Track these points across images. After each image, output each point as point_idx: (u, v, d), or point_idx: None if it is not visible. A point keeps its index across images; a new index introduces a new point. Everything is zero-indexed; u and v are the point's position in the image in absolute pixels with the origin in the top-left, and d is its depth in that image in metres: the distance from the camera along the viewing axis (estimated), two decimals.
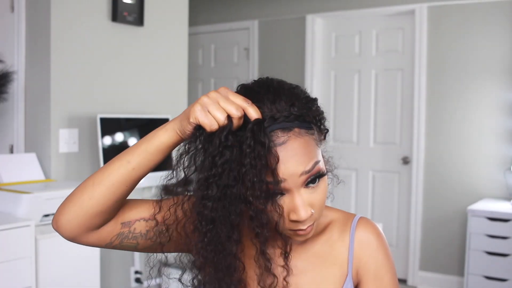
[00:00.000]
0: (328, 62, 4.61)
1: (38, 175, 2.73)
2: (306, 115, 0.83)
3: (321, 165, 0.84)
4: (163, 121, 3.22)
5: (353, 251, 0.93)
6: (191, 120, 0.79)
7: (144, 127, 3.13)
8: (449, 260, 4.04)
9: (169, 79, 3.43)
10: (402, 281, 4.25)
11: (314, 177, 0.83)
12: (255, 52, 4.92)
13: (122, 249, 0.93)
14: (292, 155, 0.80)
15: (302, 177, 0.81)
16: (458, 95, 4.00)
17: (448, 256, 4.05)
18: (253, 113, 0.79)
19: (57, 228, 0.87)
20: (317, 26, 4.60)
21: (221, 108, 0.78)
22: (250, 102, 0.80)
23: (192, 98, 4.97)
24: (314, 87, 4.56)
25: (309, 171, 0.81)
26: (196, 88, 5.26)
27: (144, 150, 0.84)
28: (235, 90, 0.87)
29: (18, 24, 2.85)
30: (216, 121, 0.78)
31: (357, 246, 0.93)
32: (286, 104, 0.82)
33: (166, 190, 0.87)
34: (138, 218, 0.91)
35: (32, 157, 2.76)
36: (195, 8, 4.48)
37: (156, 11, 3.30)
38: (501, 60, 3.84)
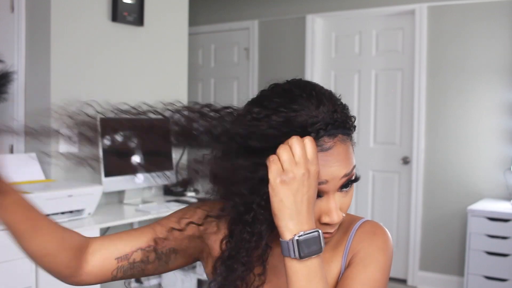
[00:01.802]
0: (328, 62, 4.61)
1: (38, 175, 2.73)
2: (347, 122, 0.85)
3: (355, 170, 0.87)
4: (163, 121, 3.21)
5: (349, 246, 0.92)
6: None
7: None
8: (449, 260, 4.04)
9: (169, 79, 3.43)
10: (402, 281, 4.25)
11: (349, 181, 0.85)
12: (255, 52, 4.92)
13: (131, 278, 0.95)
14: (336, 160, 0.82)
15: (341, 180, 0.83)
16: (458, 95, 4.00)
17: (448, 256, 4.05)
18: None
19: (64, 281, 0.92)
20: (317, 26, 4.60)
21: None
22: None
23: (192, 98, 4.97)
24: None
25: (348, 174, 0.84)
26: (196, 88, 5.25)
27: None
28: (266, 88, 0.86)
29: (18, 24, 2.85)
30: None
31: (354, 242, 0.93)
32: (329, 110, 0.82)
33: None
34: (134, 249, 0.92)
35: (32, 157, 2.76)
36: (195, 8, 4.48)
37: (156, 11, 3.30)
38: (501, 60, 3.84)
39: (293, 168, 0.77)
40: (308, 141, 0.78)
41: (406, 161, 4.27)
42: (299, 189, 0.77)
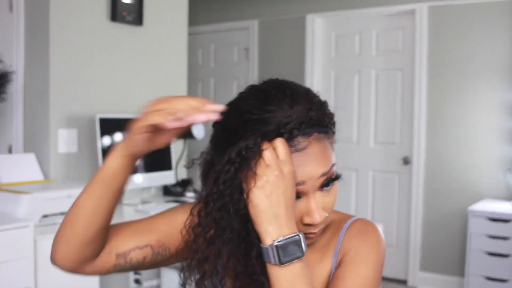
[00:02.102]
0: (328, 62, 4.60)
1: (37, 175, 2.72)
2: (323, 120, 0.83)
3: (335, 168, 0.85)
4: None
5: (340, 245, 0.91)
6: (144, 123, 0.79)
7: None
8: (449, 260, 4.03)
9: (168, 79, 3.42)
10: (402, 281, 4.25)
11: (329, 180, 0.83)
12: (255, 52, 4.91)
13: (123, 272, 0.96)
14: (312, 159, 0.80)
15: (319, 180, 0.81)
16: (459, 95, 3.99)
17: (449, 256, 4.04)
18: (214, 107, 0.79)
19: (55, 265, 0.89)
20: (317, 26, 4.59)
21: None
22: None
23: None
24: (314, 87, 4.53)
25: (326, 173, 0.82)
26: (196, 88, 5.25)
27: (100, 179, 0.84)
28: (243, 90, 0.86)
29: (17, 24, 2.84)
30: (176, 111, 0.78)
31: (344, 240, 0.91)
32: (304, 109, 0.81)
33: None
34: (132, 247, 0.91)
35: (31, 157, 2.76)
36: (195, 8, 4.47)
37: (156, 11, 3.30)
38: (502, 59, 3.83)
39: (265, 171, 0.76)
40: (279, 142, 0.77)
41: (406, 161, 4.26)
42: (274, 191, 0.76)
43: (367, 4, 4.33)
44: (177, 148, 3.29)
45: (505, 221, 3.44)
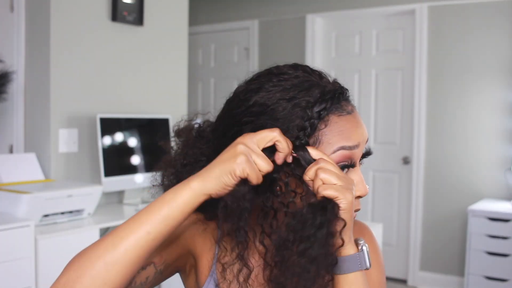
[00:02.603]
0: (328, 62, 4.60)
1: (38, 175, 2.73)
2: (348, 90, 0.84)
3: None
4: (163, 121, 3.21)
5: None
6: (238, 173, 0.71)
7: (143, 127, 3.13)
8: (449, 260, 4.04)
9: (169, 79, 3.43)
10: (402, 281, 4.25)
11: (365, 153, 0.83)
12: (255, 52, 4.91)
13: None
14: (360, 123, 0.81)
15: (363, 146, 0.81)
16: (459, 95, 4.00)
17: (449, 256, 4.04)
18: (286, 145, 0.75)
19: None
20: (317, 26, 4.59)
21: (261, 155, 0.73)
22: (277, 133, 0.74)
23: (192, 98, 4.97)
24: None
25: (367, 140, 0.82)
26: (196, 88, 5.25)
27: (166, 216, 0.70)
28: (266, 71, 0.84)
29: (18, 24, 2.84)
30: (261, 170, 0.72)
31: None
32: (328, 80, 0.82)
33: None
34: (136, 271, 0.86)
35: (31, 157, 2.76)
36: (195, 8, 4.47)
37: (156, 10, 3.30)
38: (502, 60, 3.83)
39: (345, 195, 0.72)
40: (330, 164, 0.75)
41: (406, 161, 4.26)
42: (351, 209, 0.74)
43: (367, 4, 4.34)
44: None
45: (505, 220, 3.44)
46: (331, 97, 0.78)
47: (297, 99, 0.77)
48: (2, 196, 2.37)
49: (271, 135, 0.73)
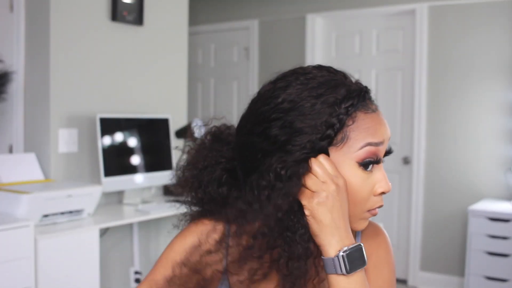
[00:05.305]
0: (328, 62, 4.55)
1: (38, 175, 2.72)
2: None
3: None
4: (163, 121, 3.21)
5: None
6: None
7: (143, 127, 3.12)
8: (449, 260, 4.03)
9: (168, 79, 3.42)
10: (403, 281, 4.25)
11: (387, 151, 0.85)
12: (255, 52, 4.91)
13: None
14: (384, 121, 0.83)
15: (386, 144, 0.83)
16: (459, 95, 3.99)
17: (449, 256, 4.04)
18: None
19: None
20: (317, 26, 4.59)
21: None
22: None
23: (192, 98, 4.96)
24: None
25: (390, 138, 0.84)
26: (195, 88, 5.25)
27: None
28: (307, 75, 0.84)
29: (18, 24, 2.84)
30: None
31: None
32: (351, 80, 0.84)
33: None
34: None
35: (31, 157, 2.76)
36: (195, 7, 4.47)
37: (156, 10, 3.29)
38: (502, 60, 3.83)
39: (323, 187, 0.77)
40: (323, 159, 0.78)
41: (406, 161, 4.26)
42: (334, 205, 0.77)
43: (367, 4, 4.33)
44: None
45: (505, 221, 3.44)
46: (358, 94, 0.80)
47: (325, 96, 0.79)
48: (2, 196, 2.36)
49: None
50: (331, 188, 0.77)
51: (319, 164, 0.77)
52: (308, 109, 0.78)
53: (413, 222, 4.17)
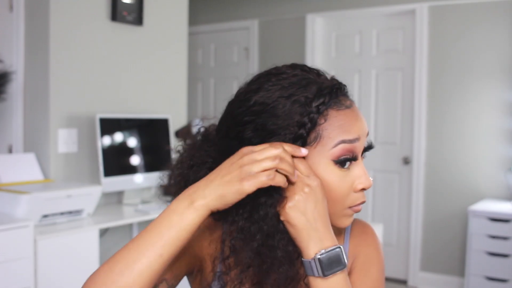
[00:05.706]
0: (328, 62, 4.60)
1: (37, 175, 2.72)
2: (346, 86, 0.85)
3: None
4: (163, 121, 3.20)
5: (348, 250, 0.92)
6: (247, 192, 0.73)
7: (143, 127, 3.12)
8: (450, 260, 4.03)
9: (168, 79, 3.42)
10: (403, 281, 4.24)
11: (367, 147, 0.84)
12: (255, 52, 4.91)
13: None
14: (360, 117, 0.82)
15: (364, 140, 0.82)
16: (459, 95, 3.99)
17: (449, 256, 4.04)
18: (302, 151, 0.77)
19: None
20: (317, 26, 4.59)
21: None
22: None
23: (192, 98, 4.96)
24: None
25: (368, 133, 0.83)
26: (195, 88, 5.24)
27: (175, 238, 0.72)
28: (265, 72, 0.84)
29: (17, 24, 2.84)
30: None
31: (351, 245, 0.92)
32: (325, 77, 0.83)
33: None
34: None
35: (31, 157, 2.75)
36: (195, 7, 4.47)
37: (156, 10, 3.29)
38: (502, 60, 3.83)
39: (294, 190, 0.76)
40: (297, 160, 0.77)
41: (406, 161, 4.26)
42: (307, 207, 0.76)
43: (367, 4, 4.33)
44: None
45: (505, 221, 3.43)
46: (329, 92, 0.79)
47: (296, 96, 0.78)
48: (1, 196, 2.36)
49: (274, 152, 0.74)
50: (302, 190, 0.76)
51: (290, 162, 0.76)
52: (279, 110, 0.78)
53: (413, 222, 4.17)
